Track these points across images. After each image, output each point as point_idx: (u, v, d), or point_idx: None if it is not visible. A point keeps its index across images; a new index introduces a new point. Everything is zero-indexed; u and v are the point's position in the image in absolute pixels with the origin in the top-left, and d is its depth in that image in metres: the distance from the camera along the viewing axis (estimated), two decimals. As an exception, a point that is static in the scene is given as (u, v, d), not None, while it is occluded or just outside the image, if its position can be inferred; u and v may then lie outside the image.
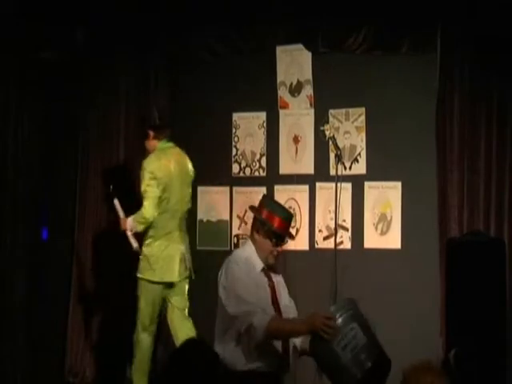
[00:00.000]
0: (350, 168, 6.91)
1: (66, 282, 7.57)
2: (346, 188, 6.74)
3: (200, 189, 7.43)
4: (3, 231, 7.12)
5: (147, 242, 6.46)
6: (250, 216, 7.22)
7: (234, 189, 7.38)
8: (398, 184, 6.83)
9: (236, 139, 7.38)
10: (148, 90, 7.49)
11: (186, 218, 6.68)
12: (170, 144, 6.61)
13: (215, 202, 7.41)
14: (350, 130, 6.98)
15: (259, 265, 4.79)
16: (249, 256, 4.80)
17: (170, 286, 6.51)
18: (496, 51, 6.41)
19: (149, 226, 6.41)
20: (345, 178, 6.46)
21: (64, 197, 7.63)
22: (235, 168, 7.38)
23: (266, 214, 4.80)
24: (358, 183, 6.92)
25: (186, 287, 6.58)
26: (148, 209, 6.36)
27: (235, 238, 7.32)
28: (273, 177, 7.23)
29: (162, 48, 7.43)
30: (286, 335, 4.64)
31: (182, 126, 7.46)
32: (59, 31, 7.31)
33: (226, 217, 7.38)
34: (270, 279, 4.83)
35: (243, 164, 7.34)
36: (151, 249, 6.44)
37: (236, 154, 7.37)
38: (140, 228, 6.41)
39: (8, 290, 7.16)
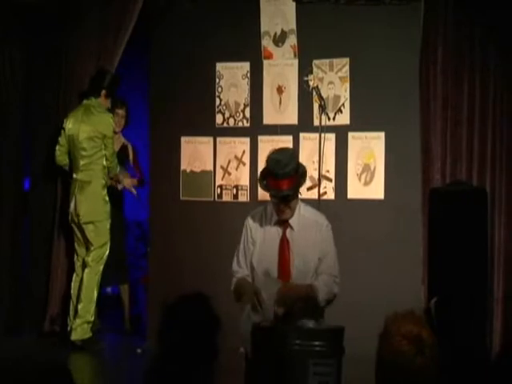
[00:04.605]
0: (334, 118, 6.91)
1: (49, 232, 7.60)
2: (330, 138, 6.75)
3: (183, 139, 7.41)
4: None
5: None
6: (233, 167, 7.26)
7: (218, 139, 7.35)
8: (382, 134, 6.83)
9: (220, 89, 7.34)
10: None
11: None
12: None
13: (199, 153, 7.39)
14: (334, 80, 6.96)
15: (274, 218, 4.90)
16: (268, 209, 4.95)
17: None
18: (480, 1, 6.39)
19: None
20: (328, 129, 6.46)
21: (47, 144, 7.55)
22: (219, 118, 7.34)
23: (263, 170, 5.02)
24: (341, 134, 6.91)
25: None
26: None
27: (219, 189, 7.33)
28: (257, 127, 7.22)
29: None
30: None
31: (165, 75, 7.42)
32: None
33: (210, 167, 7.36)
34: (284, 233, 4.88)
35: (227, 114, 7.31)
36: None
37: (220, 105, 7.34)
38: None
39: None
